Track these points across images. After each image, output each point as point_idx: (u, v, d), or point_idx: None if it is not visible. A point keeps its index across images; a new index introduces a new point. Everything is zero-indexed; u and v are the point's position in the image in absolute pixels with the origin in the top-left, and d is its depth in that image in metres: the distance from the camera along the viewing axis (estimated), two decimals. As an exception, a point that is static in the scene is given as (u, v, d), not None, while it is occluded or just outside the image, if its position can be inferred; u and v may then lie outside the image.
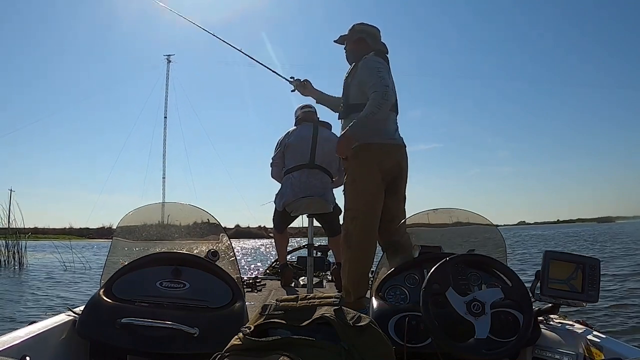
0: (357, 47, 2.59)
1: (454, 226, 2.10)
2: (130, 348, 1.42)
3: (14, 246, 12.68)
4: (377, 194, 2.45)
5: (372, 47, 2.56)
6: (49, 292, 7.53)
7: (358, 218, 2.44)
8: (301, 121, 3.75)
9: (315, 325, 1.19)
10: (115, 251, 1.86)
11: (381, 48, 2.59)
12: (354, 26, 2.65)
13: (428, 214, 2.08)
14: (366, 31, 2.61)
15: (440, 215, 2.09)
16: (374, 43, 2.58)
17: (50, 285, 8.54)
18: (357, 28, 2.63)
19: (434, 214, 2.08)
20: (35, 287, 8.23)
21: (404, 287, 1.76)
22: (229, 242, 1.94)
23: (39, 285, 8.39)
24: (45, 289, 7.82)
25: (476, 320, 1.40)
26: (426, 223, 2.10)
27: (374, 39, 2.60)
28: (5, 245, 12.65)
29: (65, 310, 1.63)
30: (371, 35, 2.60)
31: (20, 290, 7.83)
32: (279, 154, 3.72)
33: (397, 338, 1.48)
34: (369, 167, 2.44)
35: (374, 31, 2.62)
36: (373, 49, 2.55)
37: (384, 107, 2.33)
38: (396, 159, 2.51)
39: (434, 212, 2.08)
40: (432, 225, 2.10)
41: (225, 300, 1.60)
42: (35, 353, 1.26)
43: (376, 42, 2.60)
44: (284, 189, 3.58)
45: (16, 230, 13.13)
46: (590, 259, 1.58)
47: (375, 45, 2.58)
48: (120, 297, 1.55)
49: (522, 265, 8.87)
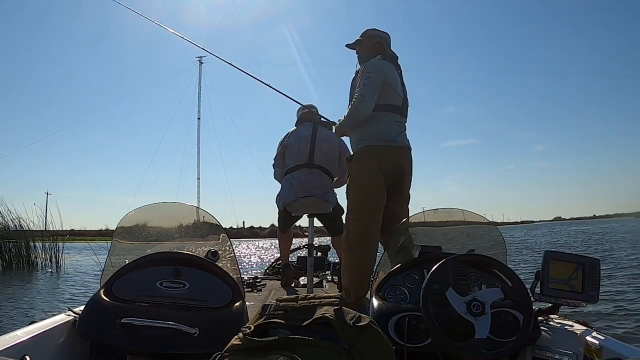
0: (372, 50, 2.66)
1: (454, 226, 2.10)
2: (130, 348, 1.42)
3: (51, 248, 12.70)
4: (379, 195, 2.48)
5: (386, 52, 2.65)
6: (88, 292, 7.47)
7: (359, 219, 2.47)
8: (301, 121, 3.76)
9: (315, 325, 1.19)
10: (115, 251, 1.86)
11: (391, 53, 2.68)
12: (368, 31, 2.73)
13: (428, 213, 2.08)
14: (381, 36, 2.71)
15: (440, 215, 2.09)
16: (386, 48, 2.68)
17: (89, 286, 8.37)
18: (372, 33, 2.72)
19: (434, 214, 2.08)
20: (70, 288, 8.15)
21: (404, 287, 1.76)
22: (229, 242, 1.94)
23: (76, 287, 8.28)
24: (84, 290, 7.73)
25: (476, 320, 1.40)
26: (426, 223, 2.10)
27: (386, 44, 2.70)
28: (42, 247, 12.65)
29: (65, 310, 1.63)
30: (384, 40, 2.70)
31: (56, 291, 7.77)
32: (279, 155, 3.73)
33: (397, 338, 1.48)
34: (370, 169, 2.48)
35: (386, 37, 2.72)
36: (386, 53, 2.64)
37: (355, 117, 2.49)
38: (397, 161, 2.54)
39: (434, 212, 2.08)
40: (432, 225, 2.11)
41: (225, 300, 1.60)
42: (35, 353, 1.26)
43: (388, 47, 2.69)
44: (284, 189, 3.58)
45: (53, 232, 13.11)
46: (590, 259, 1.58)
47: (388, 50, 2.67)
48: (120, 297, 1.55)
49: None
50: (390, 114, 2.54)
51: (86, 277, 9.81)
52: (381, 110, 2.50)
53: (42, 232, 13.04)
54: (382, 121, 2.51)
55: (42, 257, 12.55)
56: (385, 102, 2.51)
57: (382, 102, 2.50)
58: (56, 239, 12.95)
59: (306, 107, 3.81)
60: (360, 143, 2.54)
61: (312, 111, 3.79)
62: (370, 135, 2.50)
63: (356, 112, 2.48)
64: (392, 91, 2.54)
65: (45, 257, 12.61)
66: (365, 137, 2.52)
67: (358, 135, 2.57)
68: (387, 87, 2.51)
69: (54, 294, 7.42)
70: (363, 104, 2.45)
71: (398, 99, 2.57)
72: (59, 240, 13.08)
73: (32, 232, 12.69)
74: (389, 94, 2.53)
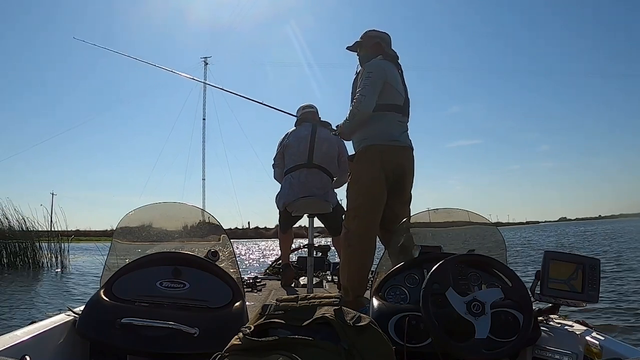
0: (372, 51, 2.66)
1: (454, 226, 2.10)
2: (130, 348, 1.42)
3: (56, 249, 12.69)
4: (380, 194, 2.48)
5: (386, 52, 2.65)
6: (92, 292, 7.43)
7: (359, 217, 2.48)
8: (300, 122, 3.76)
9: (315, 325, 1.19)
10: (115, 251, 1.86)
11: (392, 53, 2.68)
12: (367, 32, 2.73)
13: (428, 214, 2.08)
14: (380, 37, 2.71)
15: (440, 215, 2.09)
16: (387, 48, 2.68)
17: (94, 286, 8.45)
18: (371, 34, 2.72)
19: (434, 214, 2.08)
20: (77, 288, 8.14)
21: (404, 287, 1.76)
22: (229, 242, 1.95)
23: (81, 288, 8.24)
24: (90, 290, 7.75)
25: (476, 320, 1.40)
26: (426, 223, 2.10)
27: (386, 44, 2.69)
28: (47, 247, 12.63)
29: (65, 310, 1.63)
30: (384, 40, 2.70)
31: (60, 292, 7.74)
32: (279, 155, 3.74)
33: (397, 338, 1.48)
34: (371, 168, 2.48)
35: (386, 37, 2.72)
36: (386, 54, 2.63)
37: (357, 117, 2.49)
38: (399, 161, 2.54)
39: (434, 212, 2.08)
40: (432, 225, 2.11)
41: (225, 300, 1.60)
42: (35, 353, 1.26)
43: (388, 47, 2.69)
44: (283, 190, 3.59)
45: (58, 232, 13.09)
46: (590, 259, 1.58)
47: (388, 50, 2.67)
48: (120, 297, 1.55)
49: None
50: (393, 113, 2.54)
51: (92, 277, 9.80)
52: (383, 110, 2.50)
53: (47, 232, 13.04)
54: (385, 121, 2.51)
55: (47, 258, 12.54)
56: (386, 101, 2.51)
57: (383, 102, 2.50)
58: (61, 239, 12.94)
59: (306, 108, 3.82)
60: (363, 142, 2.54)
61: (312, 111, 3.79)
62: (372, 135, 2.51)
63: (357, 112, 2.48)
64: (393, 91, 2.54)
65: (50, 257, 12.60)
66: (367, 137, 2.53)
67: (360, 135, 2.57)
68: (388, 86, 2.51)
69: (58, 294, 7.41)
70: (364, 104, 2.45)
71: (399, 98, 2.57)
72: (65, 240, 13.06)
73: (37, 233, 12.69)
74: (390, 93, 2.53)
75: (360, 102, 2.45)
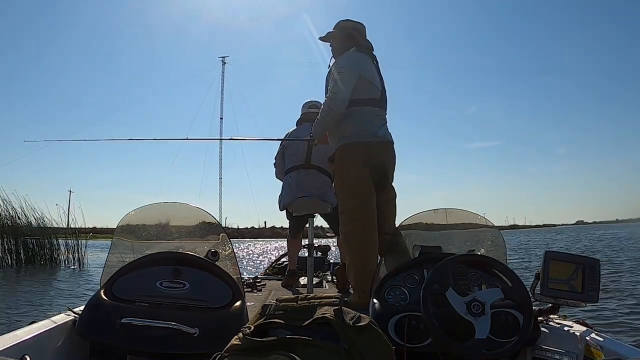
0: (345, 43, 2.57)
1: (454, 226, 2.10)
2: (130, 348, 1.42)
3: (73, 246, 12.66)
4: (368, 193, 2.41)
5: (360, 43, 2.55)
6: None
7: (355, 220, 2.40)
8: (301, 122, 3.76)
9: (315, 325, 1.19)
10: (115, 251, 1.86)
11: (366, 44, 2.57)
12: (340, 22, 2.63)
13: (428, 214, 2.08)
14: (355, 27, 2.59)
15: (440, 216, 2.09)
16: (361, 39, 2.57)
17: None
18: (344, 25, 2.61)
19: (434, 214, 2.08)
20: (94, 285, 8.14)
21: (404, 287, 1.75)
22: (229, 242, 1.94)
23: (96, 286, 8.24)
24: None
25: (476, 321, 1.40)
26: (426, 223, 2.10)
27: (361, 35, 2.59)
28: (65, 244, 12.62)
29: (65, 310, 1.63)
30: (359, 31, 2.59)
31: (78, 288, 7.70)
32: (280, 154, 3.74)
33: (397, 338, 1.48)
34: (355, 167, 2.40)
35: (361, 27, 2.61)
36: (360, 45, 2.54)
37: (329, 115, 2.42)
38: (382, 157, 2.47)
39: (434, 212, 2.08)
40: (432, 225, 2.10)
41: (225, 300, 1.60)
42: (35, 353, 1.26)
43: (363, 38, 2.59)
44: (284, 190, 3.59)
45: (76, 230, 13.10)
46: (590, 259, 1.58)
47: (362, 42, 2.57)
48: (120, 297, 1.55)
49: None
50: (370, 107, 2.45)
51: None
52: (360, 104, 2.41)
53: (64, 229, 13.04)
54: (362, 116, 2.42)
55: (64, 254, 12.52)
56: (363, 96, 2.42)
57: (359, 97, 2.41)
58: (79, 236, 12.92)
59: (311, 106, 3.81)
60: (342, 141, 2.44)
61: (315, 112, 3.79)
62: (351, 132, 2.41)
63: (329, 110, 2.39)
64: (368, 84, 2.44)
65: (67, 254, 12.56)
66: (346, 135, 2.43)
67: (338, 132, 2.47)
68: (362, 80, 2.42)
69: (75, 291, 7.38)
70: (336, 102, 2.37)
71: (376, 91, 2.47)
72: (83, 237, 13.04)
73: (54, 230, 12.69)
74: (366, 87, 2.43)
75: (332, 100, 2.36)
